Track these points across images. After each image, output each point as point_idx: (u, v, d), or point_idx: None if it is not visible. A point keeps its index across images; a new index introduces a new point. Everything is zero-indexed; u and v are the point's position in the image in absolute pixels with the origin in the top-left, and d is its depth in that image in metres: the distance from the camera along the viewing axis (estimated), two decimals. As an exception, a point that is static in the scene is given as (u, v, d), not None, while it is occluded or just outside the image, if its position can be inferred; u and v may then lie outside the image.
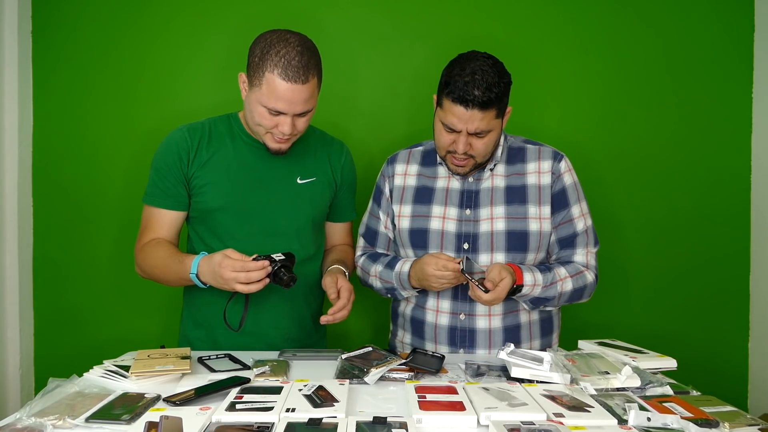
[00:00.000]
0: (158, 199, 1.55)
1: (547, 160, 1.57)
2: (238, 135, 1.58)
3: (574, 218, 1.57)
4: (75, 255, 2.20)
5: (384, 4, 2.21)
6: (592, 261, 1.58)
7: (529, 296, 1.50)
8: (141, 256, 1.56)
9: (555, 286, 1.51)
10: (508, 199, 1.55)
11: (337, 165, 1.66)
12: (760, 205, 2.26)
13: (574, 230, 1.57)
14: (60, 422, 0.99)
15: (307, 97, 1.41)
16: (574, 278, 1.53)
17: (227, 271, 1.34)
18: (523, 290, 1.48)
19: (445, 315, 1.58)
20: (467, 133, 1.44)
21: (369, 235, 1.72)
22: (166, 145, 1.55)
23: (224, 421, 1.00)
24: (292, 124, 1.43)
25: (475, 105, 1.39)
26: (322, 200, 1.63)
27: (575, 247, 1.57)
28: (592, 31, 2.23)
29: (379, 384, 1.24)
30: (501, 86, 1.41)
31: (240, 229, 1.54)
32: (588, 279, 1.56)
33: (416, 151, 1.68)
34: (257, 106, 1.42)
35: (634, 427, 0.99)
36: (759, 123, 2.25)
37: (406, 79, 2.20)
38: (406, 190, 1.64)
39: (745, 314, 2.30)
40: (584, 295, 1.57)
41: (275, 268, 1.37)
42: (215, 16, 2.18)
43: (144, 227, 1.58)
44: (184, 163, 1.53)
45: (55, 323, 2.21)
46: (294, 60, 1.37)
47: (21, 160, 2.14)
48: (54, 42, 2.17)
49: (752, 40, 2.25)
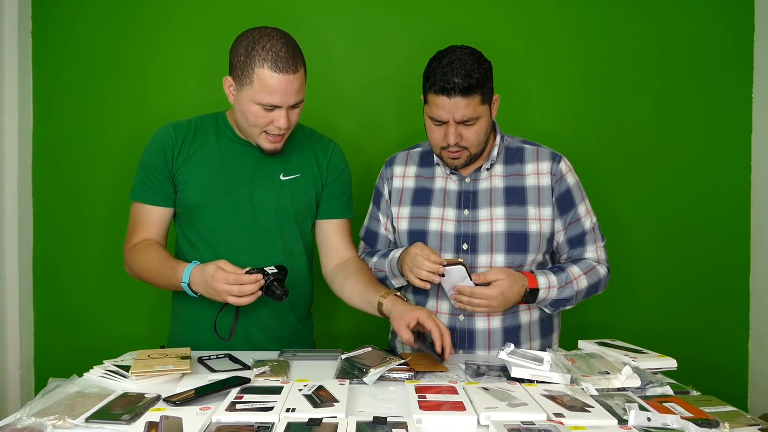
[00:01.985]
0: (145, 196, 1.54)
1: (546, 161, 1.58)
2: (224, 132, 1.57)
3: (581, 217, 1.58)
4: (75, 255, 2.20)
5: (371, 1, 2.21)
6: (602, 255, 1.61)
7: (547, 300, 1.52)
8: (131, 256, 1.54)
9: (571, 286, 1.53)
10: (507, 200, 1.55)
11: (323, 161, 1.62)
12: (760, 205, 2.25)
13: (582, 229, 1.58)
14: (60, 422, 0.99)
15: (298, 87, 1.41)
16: (588, 275, 1.56)
17: (220, 283, 1.33)
18: (540, 294, 1.50)
19: (445, 316, 1.58)
20: (455, 123, 1.45)
21: (369, 238, 1.72)
22: (152, 141, 1.56)
23: (224, 421, 1.00)
24: (287, 117, 1.42)
25: (457, 92, 1.41)
26: (306, 197, 1.59)
27: (585, 245, 1.60)
28: (591, 30, 2.23)
29: (379, 384, 1.24)
30: (481, 72, 1.43)
31: (222, 225, 1.53)
32: (601, 273, 1.59)
33: (414, 153, 1.69)
34: (250, 105, 1.41)
35: (634, 427, 0.99)
36: (759, 123, 2.25)
37: (397, 77, 2.19)
38: (404, 192, 1.64)
39: (745, 314, 2.30)
40: (599, 288, 1.60)
41: (268, 282, 1.37)
42: (214, 16, 2.18)
43: (132, 226, 1.56)
44: (169, 159, 1.53)
45: (55, 323, 2.21)
46: (281, 51, 1.37)
47: (21, 160, 2.14)
48: (54, 42, 2.17)
49: (752, 40, 2.25)
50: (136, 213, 1.56)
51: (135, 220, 1.56)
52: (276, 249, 1.56)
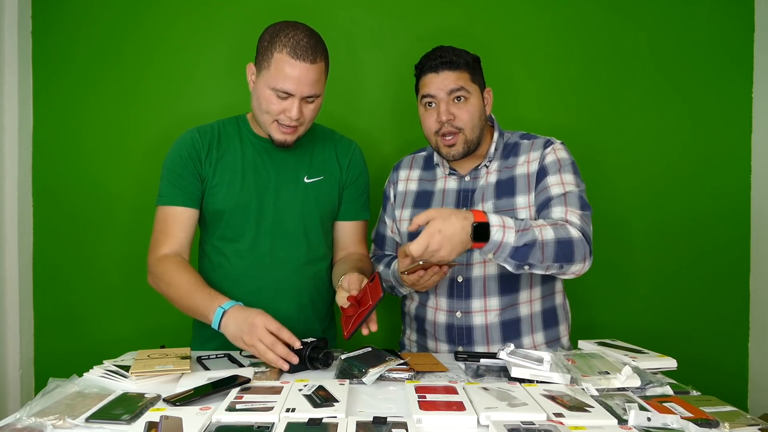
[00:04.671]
0: (175, 198, 1.51)
1: (537, 150, 1.56)
2: (247, 136, 1.57)
3: (550, 186, 1.48)
4: (75, 255, 2.20)
5: (383, 3, 2.21)
6: (574, 219, 1.40)
7: (505, 246, 1.29)
8: (160, 268, 1.47)
9: (532, 231, 1.31)
10: (497, 193, 1.55)
11: (344, 162, 1.63)
12: (760, 205, 2.25)
13: (548, 195, 1.47)
14: (60, 422, 0.99)
15: (315, 78, 1.40)
16: (554, 228, 1.34)
17: (255, 339, 1.27)
18: (493, 234, 1.28)
19: (443, 312, 1.58)
20: (447, 99, 1.49)
21: (378, 240, 1.76)
22: (178, 145, 1.54)
23: (224, 421, 1.00)
24: (300, 109, 1.42)
25: (444, 66, 1.49)
26: (330, 199, 1.61)
27: (551, 207, 1.44)
28: (591, 31, 2.23)
29: (379, 384, 1.24)
30: (469, 56, 1.51)
31: (248, 229, 1.53)
32: (572, 232, 1.36)
33: (419, 156, 1.73)
34: (264, 90, 1.41)
35: (634, 427, 0.99)
36: (759, 123, 2.25)
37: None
38: (407, 195, 1.67)
39: (745, 314, 2.30)
40: (575, 252, 1.35)
41: (307, 352, 1.30)
42: (217, 17, 2.18)
43: (160, 231, 1.51)
44: (198, 161, 1.52)
45: (55, 323, 2.21)
46: (303, 41, 1.38)
47: (21, 160, 2.14)
48: (54, 42, 2.17)
49: (752, 40, 2.25)
50: (165, 218, 1.52)
51: (163, 225, 1.52)
52: (300, 251, 1.56)
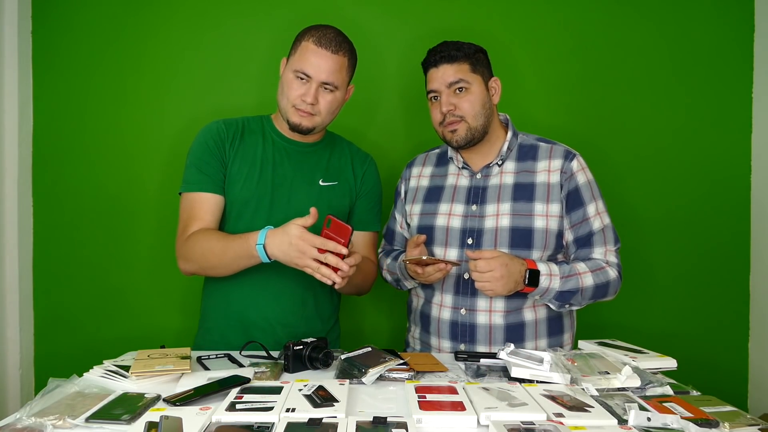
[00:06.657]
0: (202, 185, 1.55)
1: (558, 159, 1.57)
2: (269, 134, 1.63)
3: (590, 217, 1.56)
4: (75, 255, 2.20)
5: (398, 6, 2.21)
6: (612, 258, 1.56)
7: (550, 290, 1.48)
8: (188, 245, 1.50)
9: (575, 278, 1.49)
10: (515, 195, 1.56)
11: (359, 172, 1.69)
12: (760, 205, 2.25)
13: (590, 229, 1.55)
14: (60, 422, 0.99)
15: (334, 67, 1.49)
16: (595, 273, 1.51)
17: (306, 244, 1.32)
18: (542, 281, 1.46)
19: (447, 309, 1.58)
20: (447, 91, 1.53)
21: (388, 235, 1.80)
22: (205, 134, 1.59)
23: (224, 421, 1.00)
24: (315, 95, 1.49)
25: (443, 60, 1.54)
26: (341, 205, 1.65)
27: (593, 246, 1.56)
28: (591, 31, 2.23)
29: (379, 384, 1.24)
30: (472, 48, 1.55)
31: (259, 223, 1.54)
32: (611, 275, 1.53)
33: (432, 154, 1.75)
34: (288, 74, 1.51)
35: (634, 427, 0.99)
36: (759, 123, 2.25)
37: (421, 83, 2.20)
38: (418, 191, 1.70)
39: (745, 314, 2.30)
40: (609, 292, 1.55)
41: (307, 352, 1.32)
42: (216, 18, 2.18)
43: (187, 217, 1.54)
44: (222, 150, 1.57)
45: (55, 323, 2.21)
46: (330, 34, 1.50)
47: (21, 160, 2.14)
48: (54, 42, 2.17)
49: (752, 40, 2.25)
50: (192, 204, 1.55)
51: (190, 211, 1.54)
52: None
